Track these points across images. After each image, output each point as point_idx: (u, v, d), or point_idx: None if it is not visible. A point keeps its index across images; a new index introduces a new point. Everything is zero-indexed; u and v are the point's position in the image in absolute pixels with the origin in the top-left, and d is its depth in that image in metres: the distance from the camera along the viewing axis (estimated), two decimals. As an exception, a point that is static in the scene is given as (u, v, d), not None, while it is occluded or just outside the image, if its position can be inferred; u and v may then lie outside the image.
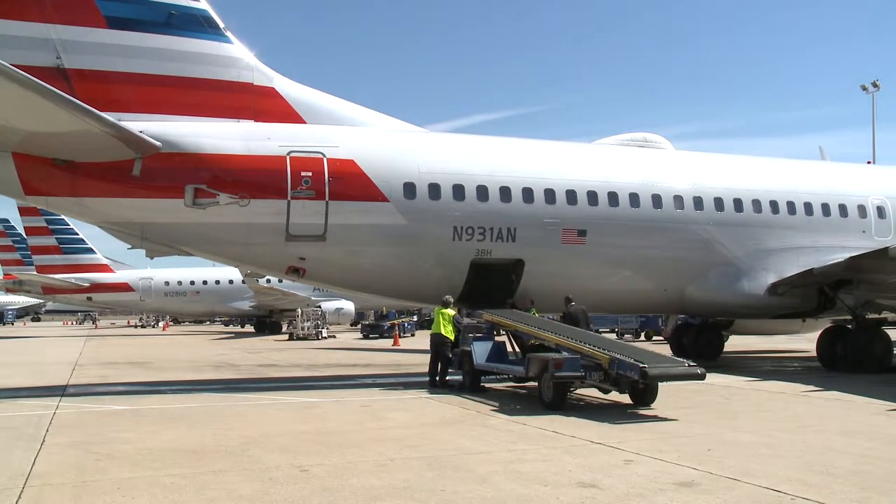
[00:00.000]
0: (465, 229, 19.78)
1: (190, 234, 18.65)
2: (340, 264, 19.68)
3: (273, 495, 8.18)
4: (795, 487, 8.31)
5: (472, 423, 13.13)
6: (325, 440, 11.46)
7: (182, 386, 19.83)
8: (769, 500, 7.84)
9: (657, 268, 21.80)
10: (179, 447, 10.96)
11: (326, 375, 23.19)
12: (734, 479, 8.73)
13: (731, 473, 8.98)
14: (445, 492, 8.27)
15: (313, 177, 18.60)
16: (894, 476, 8.98)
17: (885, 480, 8.76)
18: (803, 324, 26.34)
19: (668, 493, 8.22)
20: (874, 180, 25.83)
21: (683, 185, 22.24)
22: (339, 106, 20.86)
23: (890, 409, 14.47)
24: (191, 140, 18.26)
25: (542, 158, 21.80)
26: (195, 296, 57.88)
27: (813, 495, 7.99)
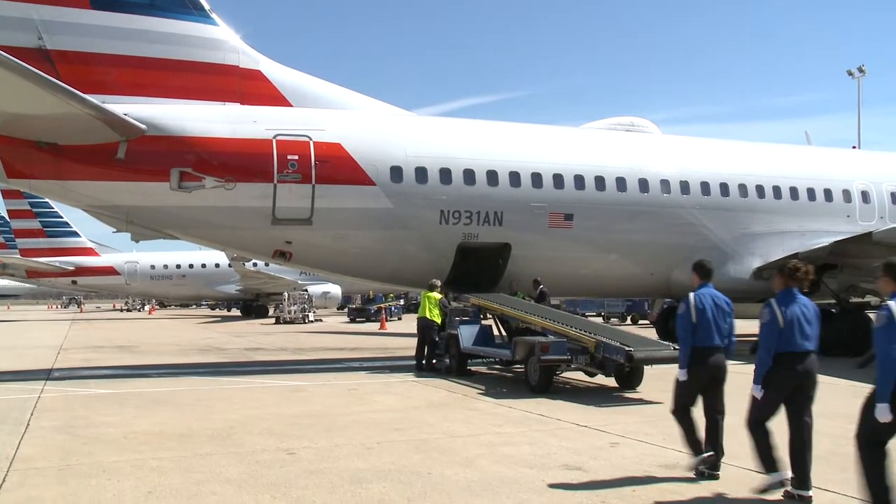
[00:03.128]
0: (452, 213, 19.78)
1: (176, 217, 18.58)
2: (327, 248, 19.64)
3: (259, 478, 8.20)
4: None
5: (459, 407, 13.18)
6: (311, 423, 11.48)
7: (168, 370, 19.79)
8: (753, 482, 7.90)
9: (644, 252, 21.88)
10: (165, 431, 10.96)
11: (313, 359, 23.19)
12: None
13: (715, 455, 9.05)
14: (432, 474, 8.31)
15: (300, 160, 18.55)
16: (876, 458, 9.07)
17: (867, 462, 8.84)
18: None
19: (653, 475, 8.29)
20: (859, 165, 25.97)
21: (670, 169, 22.29)
22: (326, 89, 20.77)
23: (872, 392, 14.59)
24: (176, 123, 18.14)
25: (529, 142, 21.80)
26: (181, 279, 57.70)
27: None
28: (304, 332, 38.66)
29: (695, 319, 8.36)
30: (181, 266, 57.48)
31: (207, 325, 46.70)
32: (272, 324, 47.51)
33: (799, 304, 7.58)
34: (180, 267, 57.49)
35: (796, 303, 7.58)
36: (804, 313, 7.55)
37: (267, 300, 57.78)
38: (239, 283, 55.96)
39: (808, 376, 7.49)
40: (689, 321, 8.38)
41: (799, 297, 7.66)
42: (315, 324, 47.20)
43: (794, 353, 7.43)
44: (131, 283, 57.30)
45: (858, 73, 49.92)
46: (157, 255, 57.49)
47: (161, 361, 22.26)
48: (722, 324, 8.45)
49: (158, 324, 50.33)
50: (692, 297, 8.54)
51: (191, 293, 61.25)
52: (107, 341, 31.65)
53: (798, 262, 7.97)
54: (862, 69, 49.86)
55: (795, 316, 7.48)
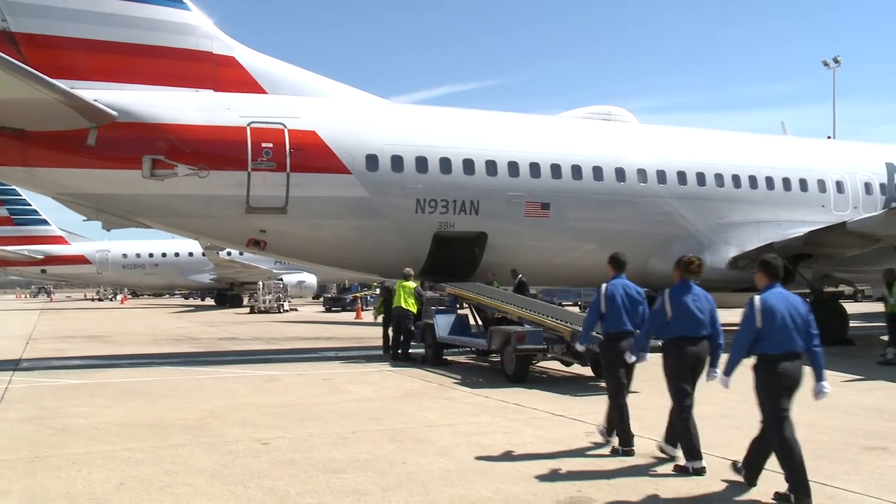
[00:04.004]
0: (428, 202, 19.76)
1: (148, 205, 18.41)
2: (302, 237, 19.56)
3: (233, 468, 8.18)
4: (752, 457, 8.48)
5: (435, 396, 13.21)
6: (285, 413, 11.46)
7: (140, 359, 19.67)
8: (727, 470, 8.00)
9: (620, 241, 21.83)
10: (137, 421, 10.89)
11: (288, 349, 23.16)
12: (692, 449, 8.90)
13: (690, 444, 9.15)
14: (407, 464, 8.33)
15: (274, 148, 18.43)
16: (846, 445, 9.24)
17: (838, 449, 9.01)
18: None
19: (630, 464, 8.36)
20: (834, 155, 26.21)
21: (647, 158, 22.39)
22: (301, 76, 20.64)
23: (844, 381, 14.83)
24: (148, 109, 17.95)
25: (505, 131, 21.80)
26: (154, 268, 57.26)
27: (770, 465, 8.11)
28: (278, 321, 38.55)
29: (604, 308, 9.10)
30: (154, 255, 57.04)
31: (181, 315, 46.41)
32: (246, 313, 47.35)
33: (693, 294, 8.26)
34: (153, 256, 57.04)
35: (691, 293, 8.25)
36: (697, 302, 8.22)
37: (241, 289, 57.54)
38: (213, 272, 55.67)
39: (700, 359, 8.20)
40: (597, 309, 9.19)
41: (694, 287, 8.33)
42: (290, 313, 47.08)
43: (686, 338, 8.11)
44: (103, 272, 56.77)
45: (834, 63, 50.39)
46: (130, 244, 56.97)
47: (133, 351, 22.10)
48: (632, 311, 9.13)
49: (131, 313, 49.94)
50: (604, 287, 9.22)
51: (164, 282, 60.79)
52: (77, 331, 31.37)
53: (692, 255, 8.58)
54: (837, 60, 50.34)
55: (689, 305, 8.16)
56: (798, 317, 7.28)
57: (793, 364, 7.24)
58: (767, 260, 7.58)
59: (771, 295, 7.33)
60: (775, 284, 7.44)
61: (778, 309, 7.21)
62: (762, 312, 7.18)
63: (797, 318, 7.27)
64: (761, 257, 7.83)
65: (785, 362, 7.20)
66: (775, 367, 7.20)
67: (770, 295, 7.33)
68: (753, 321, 7.21)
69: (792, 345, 7.22)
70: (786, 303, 7.30)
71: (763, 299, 7.26)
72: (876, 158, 26.10)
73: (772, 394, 7.24)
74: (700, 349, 8.20)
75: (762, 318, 7.18)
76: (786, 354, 7.21)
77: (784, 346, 7.20)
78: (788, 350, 7.22)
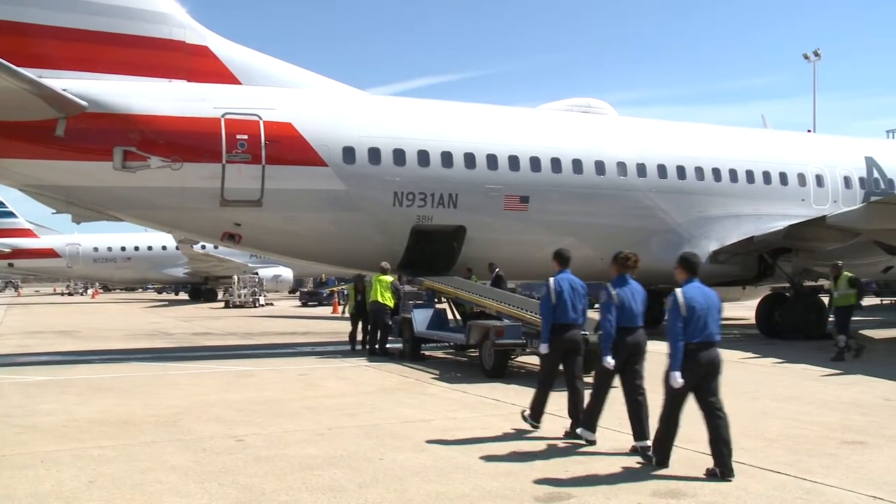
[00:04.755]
0: (406, 195, 19.73)
1: (119, 198, 18.23)
2: (277, 230, 19.49)
3: (207, 466, 8.14)
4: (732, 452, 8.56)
5: (412, 392, 13.23)
6: (261, 409, 11.43)
7: (112, 355, 19.51)
8: (706, 464, 8.06)
9: (600, 235, 22.04)
10: (108, 418, 10.81)
11: (263, 344, 23.07)
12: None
13: (669, 439, 9.22)
14: (384, 460, 8.33)
15: (249, 140, 18.33)
16: (824, 439, 9.34)
17: (816, 444, 9.11)
18: (743, 291, 27.03)
19: (607, 459, 8.42)
20: (814, 149, 26.47)
21: (627, 151, 22.49)
22: (276, 67, 20.53)
23: (823, 375, 15.01)
24: (119, 100, 17.77)
25: (484, 123, 21.81)
26: (126, 262, 56.67)
27: (747, 459, 8.26)
28: (254, 316, 38.39)
29: (554, 301, 9.72)
30: (126, 248, 56.47)
31: (154, 310, 46.09)
32: (221, 308, 47.12)
33: (630, 287, 9.00)
34: (125, 249, 56.47)
35: (628, 286, 8.99)
36: (633, 295, 8.95)
37: (216, 284, 57.19)
38: (187, 265, 55.26)
39: (637, 347, 8.91)
40: (549, 302, 9.75)
41: (630, 281, 9.07)
42: (266, 308, 46.90)
43: (626, 328, 8.84)
44: (73, 265, 56.16)
45: (814, 56, 50.82)
46: (101, 237, 56.33)
47: (104, 347, 21.91)
48: (577, 304, 9.82)
49: (102, 308, 49.52)
50: (551, 281, 9.87)
51: (136, 276, 60.23)
52: (46, 326, 31.04)
53: (628, 251, 9.22)
54: (818, 53, 50.78)
55: (627, 297, 8.88)
56: (714, 308, 8.00)
57: (709, 352, 7.91)
58: (686, 257, 8.32)
59: (690, 288, 8.03)
60: (694, 279, 8.15)
61: (697, 301, 7.91)
62: (685, 305, 7.85)
63: (714, 311, 7.98)
64: (680, 254, 8.47)
65: (703, 351, 7.86)
66: (695, 355, 7.83)
67: (690, 288, 8.03)
68: (679, 312, 7.85)
69: (709, 334, 7.91)
70: (703, 295, 8.00)
71: (685, 292, 7.96)
72: (855, 152, 26.40)
73: (686, 379, 7.83)
74: (637, 338, 8.92)
75: (686, 309, 7.83)
76: (704, 343, 7.87)
77: (702, 336, 7.86)
78: (706, 339, 7.89)
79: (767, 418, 10.70)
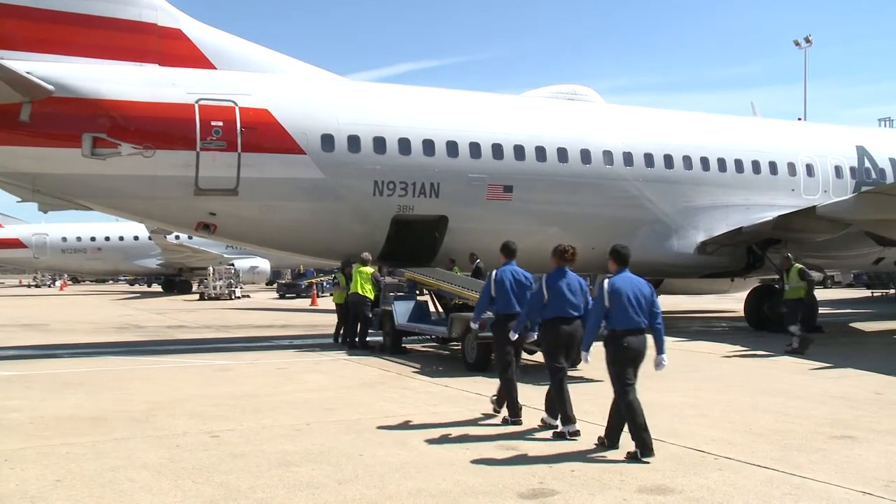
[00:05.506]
0: (387, 184, 19.69)
1: (88, 186, 18.09)
2: (254, 220, 19.40)
3: (180, 462, 8.10)
4: (720, 447, 8.65)
5: (393, 386, 13.24)
6: (237, 404, 11.40)
7: (81, 349, 19.38)
8: (693, 460, 8.13)
9: (585, 225, 22.11)
10: (77, 415, 10.73)
11: (240, 337, 23.01)
12: (659, 439, 8.99)
13: (656, 434, 9.21)
14: (364, 456, 8.33)
15: (224, 127, 18.22)
16: (813, 434, 9.42)
17: (805, 438, 9.19)
18: (732, 283, 27.22)
19: (592, 454, 8.45)
20: (804, 138, 26.62)
21: (613, 140, 22.54)
22: (253, 51, 20.41)
23: (812, 368, 15.15)
24: (88, 84, 17.60)
25: (467, 111, 21.81)
26: (96, 253, 56.18)
27: (736, 454, 8.33)
28: (230, 308, 38.26)
29: (494, 292, 10.48)
30: (96, 238, 55.98)
31: (125, 302, 45.81)
32: (196, 300, 46.91)
33: (567, 279, 9.63)
34: (95, 239, 55.98)
35: (565, 278, 9.63)
36: (570, 286, 9.58)
37: (190, 275, 56.90)
38: (160, 256, 54.90)
39: (573, 337, 9.46)
40: (488, 294, 10.60)
41: (568, 273, 9.71)
42: (242, 300, 46.76)
43: (561, 318, 9.45)
44: (40, 256, 55.61)
45: (805, 43, 51.15)
46: (69, 227, 55.84)
47: (73, 341, 21.76)
48: (520, 295, 10.41)
49: (71, 300, 49.14)
50: (494, 273, 10.66)
51: (107, 268, 59.76)
52: (11, 319, 30.75)
53: (566, 245, 9.86)
54: (809, 39, 51.10)
55: (563, 289, 9.52)
56: (642, 297, 8.62)
57: (636, 338, 8.53)
58: (617, 248, 9.01)
59: (618, 279, 8.73)
60: (624, 269, 8.86)
61: (623, 290, 8.57)
62: (609, 293, 8.56)
63: (641, 299, 8.61)
64: (612, 246, 9.09)
65: (629, 337, 8.50)
66: (621, 341, 8.48)
67: (617, 279, 8.73)
68: (603, 301, 8.57)
69: (635, 322, 8.52)
70: (631, 285, 8.67)
71: (611, 282, 8.67)
72: (847, 141, 26.57)
73: (618, 364, 8.55)
74: (573, 328, 9.50)
75: (609, 298, 8.54)
76: (630, 330, 8.51)
77: (628, 323, 8.51)
78: (632, 326, 8.52)
79: (755, 412, 10.78)
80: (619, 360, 8.53)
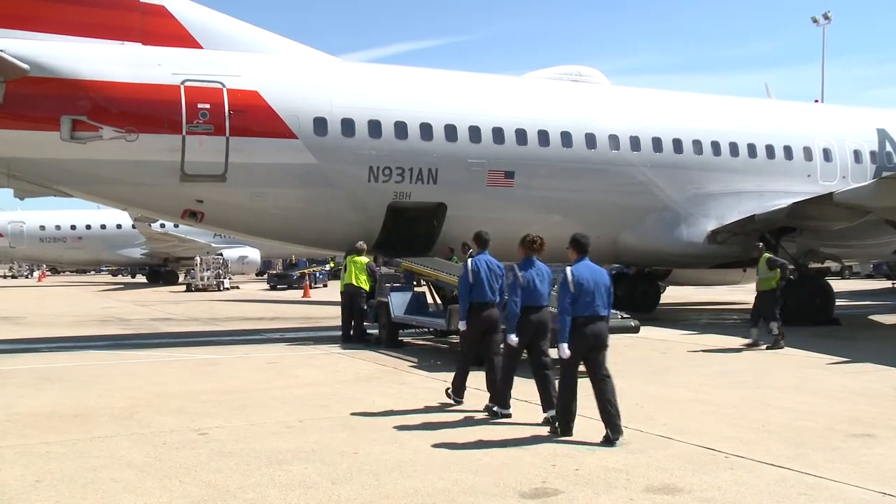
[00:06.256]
0: (382, 170, 19.68)
1: (68, 171, 18.06)
2: (243, 208, 19.40)
3: (166, 461, 8.11)
4: (730, 445, 8.66)
5: (389, 381, 13.26)
6: (226, 400, 11.42)
7: (61, 343, 19.37)
8: (703, 458, 8.14)
9: (590, 213, 22.11)
10: (57, 412, 10.73)
11: (229, 330, 23.03)
12: (666, 437, 9.04)
13: (663, 431, 9.30)
14: (359, 454, 8.35)
15: (211, 109, 18.18)
16: (829, 431, 9.43)
17: (820, 436, 9.20)
18: (744, 274, 27.23)
19: (597, 453, 8.45)
20: (821, 121, 26.59)
21: (619, 123, 22.52)
22: (242, 30, 20.38)
23: (829, 363, 15.17)
24: (67, 63, 17.54)
25: (467, 93, 21.80)
26: (77, 242, 56.13)
27: (747, 453, 8.34)
28: (218, 300, 38.33)
29: (471, 280, 10.91)
30: (76, 227, 55.92)
31: (108, 294, 45.84)
32: (182, 291, 46.97)
33: (535, 268, 10.20)
34: (75, 228, 55.92)
35: (534, 268, 10.19)
36: (539, 276, 10.15)
37: (176, 265, 56.97)
38: (144, 246, 54.90)
39: (542, 325, 10.14)
40: (466, 282, 10.95)
41: (536, 263, 10.27)
42: (231, 291, 46.87)
43: (528, 307, 9.98)
44: (17, 245, 55.50)
45: (824, 20, 50.95)
46: (48, 214, 55.77)
47: (52, 334, 21.76)
48: (494, 284, 10.98)
49: (50, 292, 49.16)
50: (469, 262, 11.16)
51: (88, 257, 59.76)
52: (-12, 312, 30.78)
53: (534, 235, 10.44)
54: (827, 16, 50.90)
55: (532, 278, 10.07)
56: (602, 285, 9.21)
57: (596, 325, 9.12)
58: (576, 237, 9.61)
59: (579, 267, 9.29)
60: (584, 258, 9.44)
61: (585, 278, 9.15)
62: (573, 282, 9.08)
63: (601, 287, 9.19)
64: (572, 235, 9.67)
65: (590, 324, 9.07)
66: (583, 329, 9.05)
67: (578, 267, 9.29)
68: (568, 288, 9.07)
69: (596, 309, 9.11)
70: (591, 273, 9.27)
71: (573, 270, 9.21)
72: (867, 124, 26.53)
73: (574, 352, 9.08)
74: (541, 316, 10.12)
75: (574, 286, 9.05)
76: (591, 317, 9.08)
77: (589, 310, 9.07)
78: (593, 313, 9.09)
79: (768, 409, 10.80)
80: (578, 347, 9.08)
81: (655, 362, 15.65)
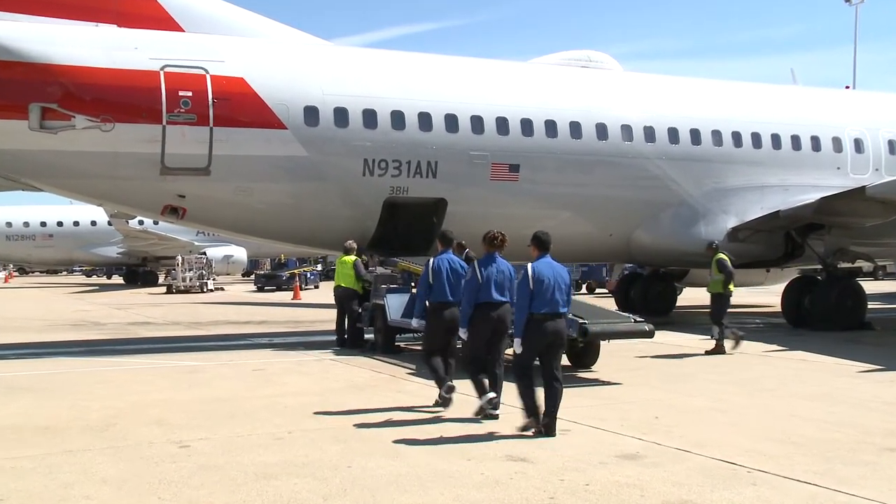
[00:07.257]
0: (378, 163, 19.68)
1: (37, 163, 18.04)
2: (228, 203, 19.40)
3: (144, 477, 8.10)
4: (752, 459, 8.64)
5: (385, 389, 13.27)
6: (210, 410, 11.42)
7: (30, 349, 19.35)
8: (723, 473, 8.12)
9: (601, 209, 22.13)
10: (25, 423, 10.71)
11: (213, 334, 23.05)
12: (684, 450, 9.02)
13: (681, 444, 9.28)
14: (352, 468, 8.34)
15: (194, 97, 18.18)
16: (861, 444, 9.40)
17: (851, 450, 9.17)
18: (767, 274, 27.24)
19: (609, 466, 8.44)
20: (852, 108, 26.56)
21: (632, 112, 22.51)
22: (227, 12, 20.39)
23: (860, 371, 15.15)
24: (35, 46, 17.52)
25: (469, 80, 21.81)
26: (47, 240, 56.10)
27: (771, 467, 8.32)
28: (202, 302, 38.38)
29: (431, 280, 11.58)
30: (47, 224, 55.88)
31: (81, 296, 45.86)
32: (163, 293, 47.04)
33: (496, 265, 10.75)
34: (46, 225, 55.89)
35: (494, 264, 10.75)
36: (499, 273, 10.69)
37: (156, 265, 57.03)
38: (121, 244, 54.89)
39: (501, 321, 10.69)
40: (426, 282, 11.68)
41: (498, 259, 10.82)
42: (215, 293, 46.91)
43: (489, 303, 10.59)
44: (-19, 244, 55.55)
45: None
46: (15, 210, 55.81)
47: (20, 339, 21.70)
48: (456, 284, 11.45)
49: (17, 294, 49.23)
50: (431, 261, 11.77)
51: (60, 257, 59.72)
52: (-47, 316, 30.80)
53: (496, 231, 10.94)
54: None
55: (492, 275, 10.64)
56: (562, 282, 9.97)
57: (554, 322, 9.88)
58: (538, 235, 10.30)
59: (540, 264, 10.03)
60: (545, 255, 10.17)
61: (545, 276, 9.87)
62: (533, 279, 9.78)
63: (561, 284, 9.95)
64: (534, 232, 10.34)
65: (549, 321, 9.81)
66: (542, 325, 9.78)
67: (539, 264, 10.02)
68: (528, 286, 9.78)
69: (556, 306, 9.86)
70: (552, 271, 9.98)
71: (534, 267, 9.92)
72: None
73: (530, 348, 9.90)
74: (501, 312, 10.68)
75: (534, 283, 9.76)
76: (550, 314, 9.81)
77: (549, 307, 9.80)
78: (552, 311, 9.83)
79: (795, 420, 10.79)
80: (534, 344, 9.86)
81: (671, 369, 15.64)
